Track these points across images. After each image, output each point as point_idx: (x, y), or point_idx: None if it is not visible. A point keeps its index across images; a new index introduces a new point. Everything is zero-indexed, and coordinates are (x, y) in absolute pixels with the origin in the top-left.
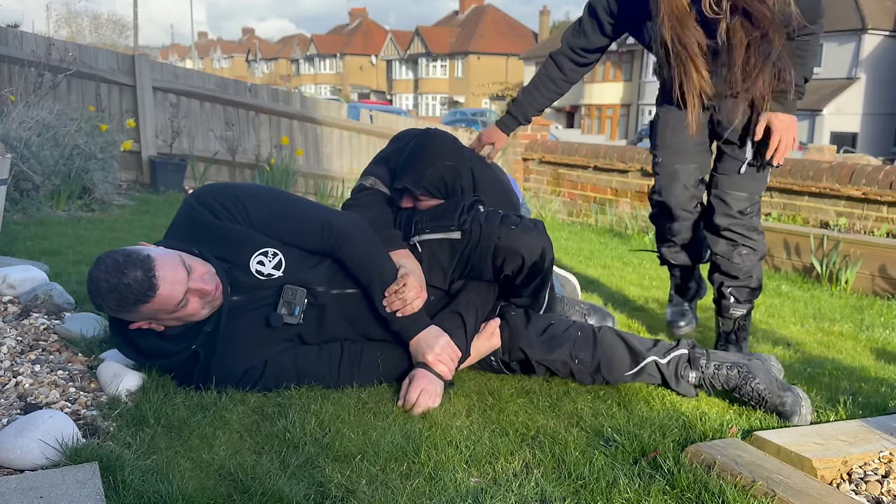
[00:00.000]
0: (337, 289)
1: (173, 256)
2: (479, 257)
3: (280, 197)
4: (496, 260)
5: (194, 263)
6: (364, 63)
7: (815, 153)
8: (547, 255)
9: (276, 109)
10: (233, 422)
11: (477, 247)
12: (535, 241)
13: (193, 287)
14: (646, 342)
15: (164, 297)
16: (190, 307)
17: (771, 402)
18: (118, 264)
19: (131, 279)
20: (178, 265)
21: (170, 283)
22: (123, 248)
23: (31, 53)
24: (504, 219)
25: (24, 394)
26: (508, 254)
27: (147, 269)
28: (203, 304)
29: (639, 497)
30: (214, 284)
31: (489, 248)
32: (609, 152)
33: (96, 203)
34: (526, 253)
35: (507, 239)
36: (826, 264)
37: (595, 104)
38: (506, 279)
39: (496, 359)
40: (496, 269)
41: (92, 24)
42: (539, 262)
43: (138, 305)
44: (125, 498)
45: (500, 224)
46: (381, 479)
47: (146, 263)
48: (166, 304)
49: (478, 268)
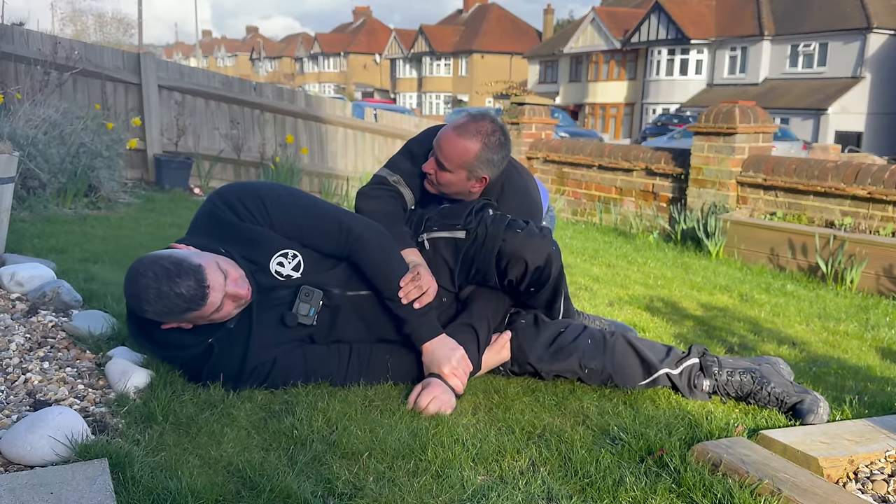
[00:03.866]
0: (353, 290)
1: (212, 262)
2: (483, 260)
3: (299, 199)
4: (500, 263)
5: (229, 268)
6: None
7: (819, 152)
8: (553, 262)
9: (281, 108)
10: (240, 419)
11: (482, 249)
12: (540, 247)
13: (230, 292)
14: (658, 352)
15: (211, 304)
16: (224, 310)
17: (789, 402)
18: (168, 272)
19: (185, 289)
20: (217, 271)
21: (216, 290)
22: (169, 253)
23: (37, 52)
24: (511, 223)
25: (33, 390)
26: (512, 258)
27: (200, 280)
28: (236, 306)
29: (645, 495)
30: (247, 288)
31: (493, 251)
32: (613, 151)
33: (102, 201)
34: (529, 257)
35: (512, 243)
36: (831, 264)
37: (599, 103)
38: (510, 285)
39: (505, 369)
40: (500, 272)
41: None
42: (543, 268)
43: (187, 313)
44: (134, 494)
45: (506, 228)
46: (389, 476)
47: (199, 273)
48: (209, 310)
49: (482, 271)
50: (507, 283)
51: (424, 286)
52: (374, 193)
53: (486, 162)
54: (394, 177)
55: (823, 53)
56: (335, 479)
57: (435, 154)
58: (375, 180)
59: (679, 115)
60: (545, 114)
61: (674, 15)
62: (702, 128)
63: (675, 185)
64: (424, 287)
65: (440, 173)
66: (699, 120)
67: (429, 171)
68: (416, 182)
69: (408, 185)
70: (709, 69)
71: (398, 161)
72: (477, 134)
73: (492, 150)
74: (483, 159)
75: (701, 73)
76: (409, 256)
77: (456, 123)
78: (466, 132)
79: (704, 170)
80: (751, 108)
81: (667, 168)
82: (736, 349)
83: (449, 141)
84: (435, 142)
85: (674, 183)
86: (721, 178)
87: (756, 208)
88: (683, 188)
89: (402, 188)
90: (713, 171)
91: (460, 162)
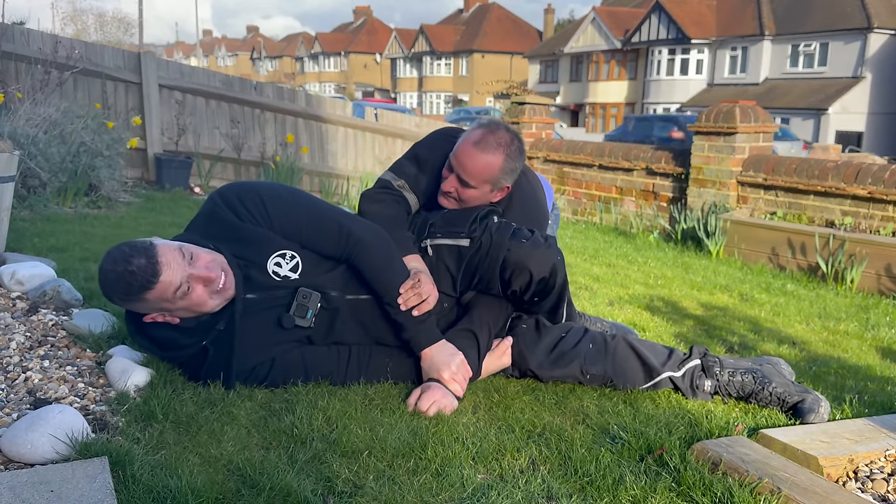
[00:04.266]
0: (352, 294)
1: (171, 244)
2: (487, 268)
3: (300, 200)
4: (504, 273)
5: (199, 252)
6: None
7: (820, 152)
8: (558, 273)
9: (282, 107)
10: (241, 417)
11: (486, 258)
12: (545, 257)
13: (196, 274)
14: (660, 354)
15: (167, 282)
16: (195, 295)
17: (790, 401)
18: (124, 254)
19: (136, 266)
20: (176, 251)
21: (172, 268)
22: (129, 241)
23: (37, 51)
24: (516, 232)
25: (33, 389)
26: (516, 268)
27: (150, 256)
28: (210, 293)
29: (645, 494)
30: (220, 273)
31: (498, 260)
32: (614, 151)
33: (102, 200)
34: (534, 268)
35: (517, 252)
36: (831, 263)
37: (599, 102)
38: (514, 295)
39: (505, 374)
40: (504, 282)
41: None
42: (548, 278)
43: (143, 292)
44: (135, 492)
45: (511, 237)
46: (389, 474)
47: (150, 251)
48: (168, 289)
49: (486, 280)
50: (511, 293)
51: (424, 294)
52: (378, 197)
53: (510, 172)
54: (398, 181)
55: (824, 53)
56: (335, 477)
57: (456, 171)
58: (380, 184)
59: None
60: (545, 113)
61: (674, 15)
62: (702, 127)
63: (675, 184)
64: (424, 295)
65: (463, 190)
66: (699, 119)
67: (450, 189)
68: (421, 187)
69: (412, 190)
70: (709, 69)
71: (403, 165)
72: (499, 147)
73: (514, 160)
74: (506, 170)
75: (701, 73)
76: (410, 262)
77: (474, 138)
78: (488, 146)
79: (705, 169)
80: (751, 107)
81: (667, 168)
82: (736, 349)
83: (471, 157)
84: (454, 159)
85: (674, 182)
86: (721, 177)
87: (756, 208)
88: (684, 188)
89: (406, 193)
90: (713, 170)
91: (485, 177)
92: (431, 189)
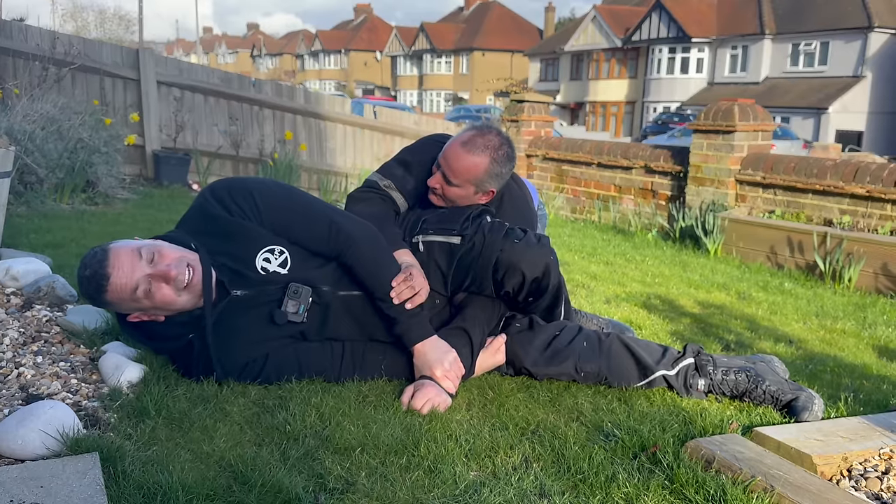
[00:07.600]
0: (344, 290)
1: (131, 245)
2: (480, 269)
3: (292, 195)
4: (496, 273)
5: (165, 250)
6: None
7: (820, 151)
8: (551, 273)
9: (280, 104)
10: (233, 414)
11: (479, 257)
12: (538, 257)
13: (156, 272)
14: (654, 353)
15: (120, 284)
16: (161, 294)
17: (784, 399)
18: (83, 260)
19: (89, 271)
20: (131, 253)
21: (124, 270)
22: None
23: (35, 47)
24: (508, 232)
25: (25, 384)
26: (509, 268)
27: (101, 260)
28: (176, 290)
29: (638, 491)
30: (184, 270)
31: (490, 260)
32: (613, 149)
33: (100, 197)
34: (527, 268)
35: (510, 253)
36: (829, 262)
37: (600, 101)
38: (508, 296)
39: (499, 372)
40: (496, 283)
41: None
42: (541, 278)
43: (101, 294)
44: (125, 488)
45: (504, 237)
46: (381, 471)
47: (100, 255)
48: (124, 290)
49: (478, 280)
50: (504, 293)
51: (417, 287)
52: (363, 196)
53: (495, 176)
54: (385, 181)
55: (824, 52)
56: (327, 474)
57: (441, 169)
58: (366, 184)
59: (680, 114)
60: (545, 111)
61: (675, 13)
62: (701, 126)
63: (674, 183)
64: (417, 288)
65: (447, 188)
66: (698, 118)
67: (435, 185)
68: (408, 188)
69: (399, 190)
70: (710, 68)
71: (391, 167)
72: (486, 149)
73: (500, 164)
74: (492, 174)
75: (702, 72)
76: (401, 257)
77: (463, 138)
78: (474, 147)
79: (703, 168)
80: (750, 106)
81: (666, 166)
82: (733, 347)
83: (457, 157)
84: (441, 157)
85: (673, 181)
86: (720, 176)
87: (755, 206)
88: (682, 186)
89: (392, 192)
90: (712, 169)
91: (469, 177)
92: (419, 190)
